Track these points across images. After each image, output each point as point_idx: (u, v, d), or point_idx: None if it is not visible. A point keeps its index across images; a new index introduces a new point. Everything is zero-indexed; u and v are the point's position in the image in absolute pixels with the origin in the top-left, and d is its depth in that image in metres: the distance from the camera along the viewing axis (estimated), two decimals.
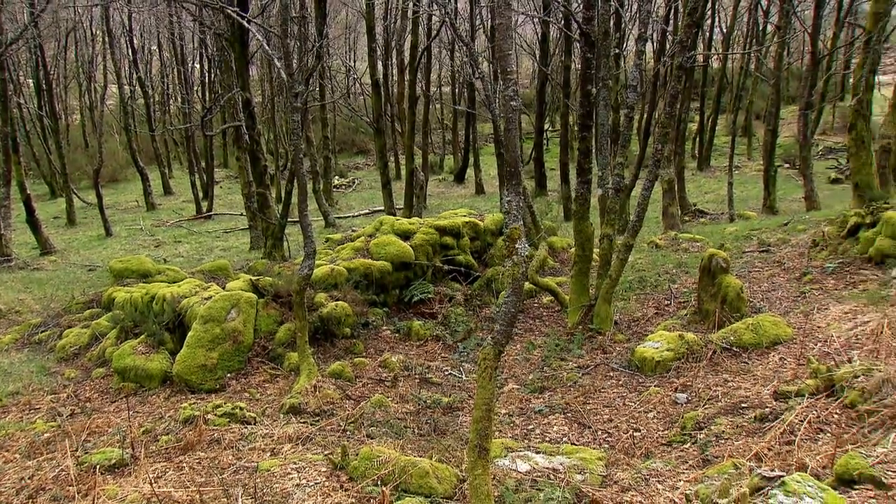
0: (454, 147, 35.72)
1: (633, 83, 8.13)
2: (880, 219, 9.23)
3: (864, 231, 9.51)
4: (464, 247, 11.44)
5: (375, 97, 21.47)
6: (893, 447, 3.83)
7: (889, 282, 8.35)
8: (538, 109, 25.15)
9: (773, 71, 20.46)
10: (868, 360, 6.13)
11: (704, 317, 8.47)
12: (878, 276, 8.69)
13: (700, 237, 12.65)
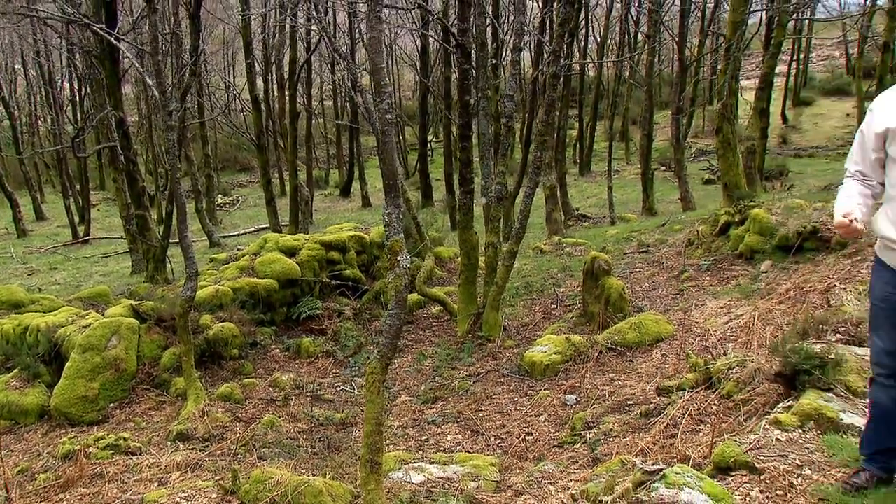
0: (339, 161, 35.53)
1: (509, 93, 8.32)
2: (748, 216, 9.77)
3: (734, 229, 10.04)
4: (351, 261, 11.39)
5: (256, 113, 21.12)
6: (764, 433, 4.05)
7: (758, 276, 8.82)
8: (421, 121, 25.37)
9: (646, 78, 21.39)
10: (742, 351, 6.45)
11: (590, 319, 8.73)
12: (748, 270, 9.18)
13: (583, 241, 13.04)
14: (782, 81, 39.50)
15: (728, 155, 11.72)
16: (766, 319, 7.18)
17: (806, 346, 4.55)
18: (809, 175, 24.60)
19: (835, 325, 5.45)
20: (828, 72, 48.50)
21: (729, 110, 11.62)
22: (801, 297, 7.51)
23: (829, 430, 3.99)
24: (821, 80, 46.05)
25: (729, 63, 11.45)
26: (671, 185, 24.74)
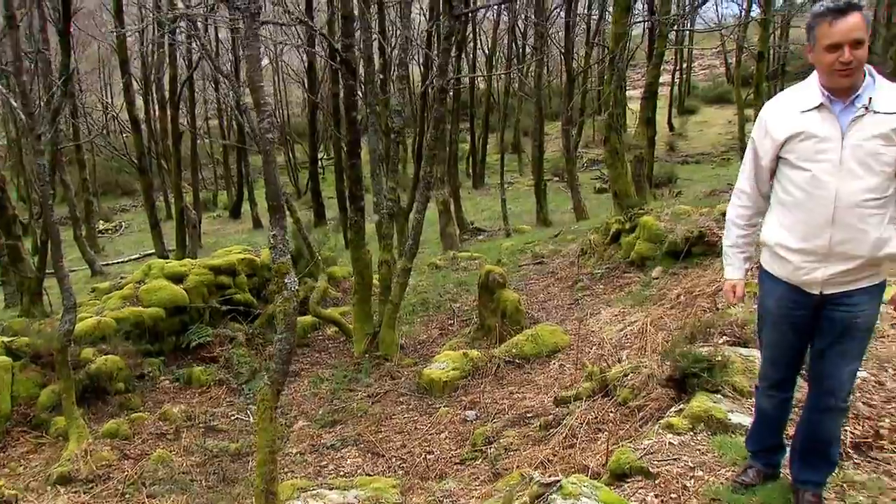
0: (227, 182, 34.78)
1: (397, 108, 8.36)
2: (638, 224, 10.12)
3: (625, 237, 10.37)
4: (241, 285, 11.16)
5: (136, 134, 20.46)
6: (658, 438, 4.19)
7: (650, 282, 9.14)
8: (311, 138, 25.17)
9: (535, 90, 21.93)
10: (636, 358, 6.65)
11: (487, 332, 8.83)
12: (640, 277, 9.51)
13: (478, 254, 13.20)
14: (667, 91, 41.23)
15: (616, 164, 12.10)
16: (659, 325, 7.45)
17: (694, 350, 4.74)
18: (696, 181, 25.70)
19: (721, 327, 5.69)
20: (709, 80, 50.95)
21: (615, 120, 12.02)
22: (691, 302, 7.82)
23: (718, 431, 4.16)
24: (703, 88, 48.31)
25: (613, 74, 11.87)
26: (564, 196, 25.35)
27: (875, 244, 2.95)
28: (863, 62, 2.85)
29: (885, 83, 2.94)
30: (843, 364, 3.16)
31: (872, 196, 2.91)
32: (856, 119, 2.90)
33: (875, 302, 3.12)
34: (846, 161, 2.91)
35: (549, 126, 37.97)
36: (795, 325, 3.23)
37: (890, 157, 2.88)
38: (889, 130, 2.86)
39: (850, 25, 2.81)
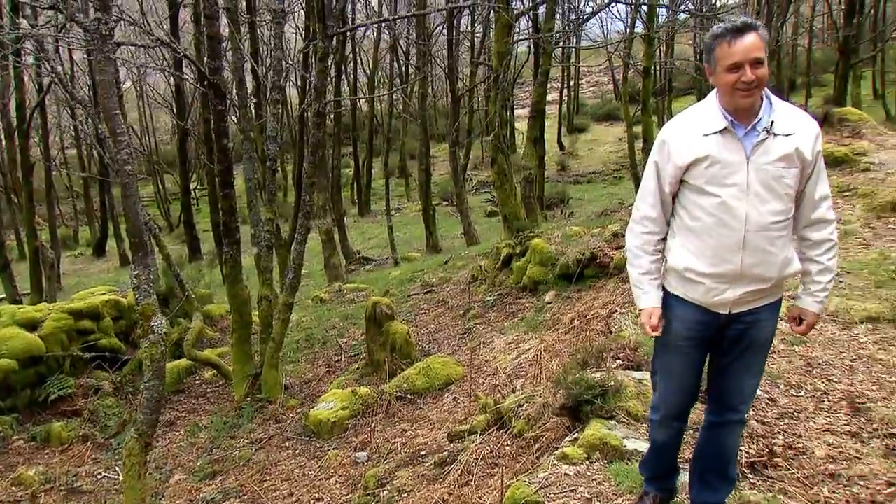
0: (90, 217, 33.50)
1: (272, 134, 8.28)
2: (528, 247, 10.32)
3: (516, 261, 10.56)
4: (106, 329, 10.76)
5: None
6: (553, 469, 4.26)
7: (544, 307, 9.32)
8: (182, 167, 24.61)
9: (419, 111, 22.13)
10: (531, 386, 6.75)
11: (376, 368, 8.80)
12: (533, 302, 9.68)
13: (365, 285, 13.17)
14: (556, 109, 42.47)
15: (505, 186, 12.34)
16: (553, 351, 7.59)
17: (587, 376, 4.85)
18: (589, 200, 26.48)
19: (615, 351, 5.85)
20: (598, 98, 52.85)
21: (502, 141, 12.28)
22: (585, 326, 8.02)
23: (614, 459, 4.26)
24: (592, 106, 50.04)
25: (498, 93, 12.13)
26: (454, 220, 25.64)
27: (782, 265, 3.12)
28: (764, 81, 2.99)
29: (781, 104, 3.11)
30: (748, 379, 3.32)
31: (779, 218, 3.06)
32: (759, 143, 3.03)
33: (776, 317, 3.29)
34: (752, 185, 3.04)
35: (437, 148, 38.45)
36: (701, 348, 3.35)
37: (792, 180, 3.05)
38: (790, 152, 3.02)
39: (750, 45, 2.94)
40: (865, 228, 8.14)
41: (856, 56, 25.53)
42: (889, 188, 8.76)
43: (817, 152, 3.07)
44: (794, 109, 3.11)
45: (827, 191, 3.15)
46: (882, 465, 4.04)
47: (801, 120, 3.08)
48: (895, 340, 5.57)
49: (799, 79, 40.10)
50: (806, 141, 3.04)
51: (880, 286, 6.52)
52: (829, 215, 3.16)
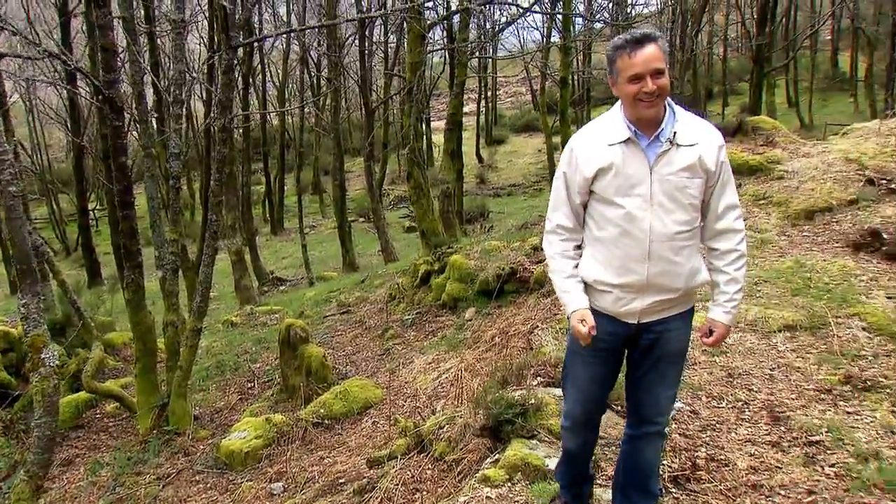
0: None
1: (174, 150, 8.14)
2: (447, 264, 10.37)
3: (435, 278, 10.59)
4: None
5: None
6: (474, 493, 4.27)
7: (464, 325, 9.37)
8: (79, 187, 23.88)
9: (332, 124, 22.04)
10: (452, 407, 6.77)
11: (292, 393, 8.70)
12: (453, 320, 9.72)
13: (279, 307, 13.03)
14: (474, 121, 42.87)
15: (422, 201, 12.38)
16: (474, 370, 7.63)
17: (507, 395, 4.89)
18: (509, 214, 26.76)
19: (535, 367, 5.91)
20: (516, 108, 53.58)
21: (418, 154, 12.31)
22: (506, 343, 8.08)
23: (536, 479, 4.30)
24: (511, 117, 50.70)
25: (412, 105, 12.19)
26: (371, 237, 25.61)
27: (689, 275, 3.22)
28: (665, 91, 3.08)
29: (685, 115, 3.21)
30: (663, 390, 3.40)
31: (684, 229, 3.16)
32: (662, 153, 3.12)
33: (688, 327, 3.37)
34: (656, 195, 3.13)
35: (351, 163, 38.39)
36: (610, 358, 3.43)
37: (695, 190, 3.15)
38: (693, 163, 3.12)
39: (650, 56, 3.03)
40: (781, 237, 8.46)
41: (769, 65, 26.60)
42: (803, 196, 9.13)
43: (721, 162, 3.16)
44: (698, 120, 3.22)
45: (734, 201, 3.24)
46: (802, 473, 4.19)
47: (705, 130, 3.18)
48: (812, 348, 5.80)
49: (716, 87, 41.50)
50: (709, 151, 3.13)
51: (796, 294, 6.77)
52: (736, 225, 3.25)
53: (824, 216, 8.72)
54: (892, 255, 7.46)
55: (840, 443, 4.44)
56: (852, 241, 7.83)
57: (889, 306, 6.42)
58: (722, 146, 3.17)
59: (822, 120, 29.97)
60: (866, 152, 9.94)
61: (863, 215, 8.44)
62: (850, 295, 6.62)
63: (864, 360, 5.55)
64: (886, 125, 11.23)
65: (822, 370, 5.41)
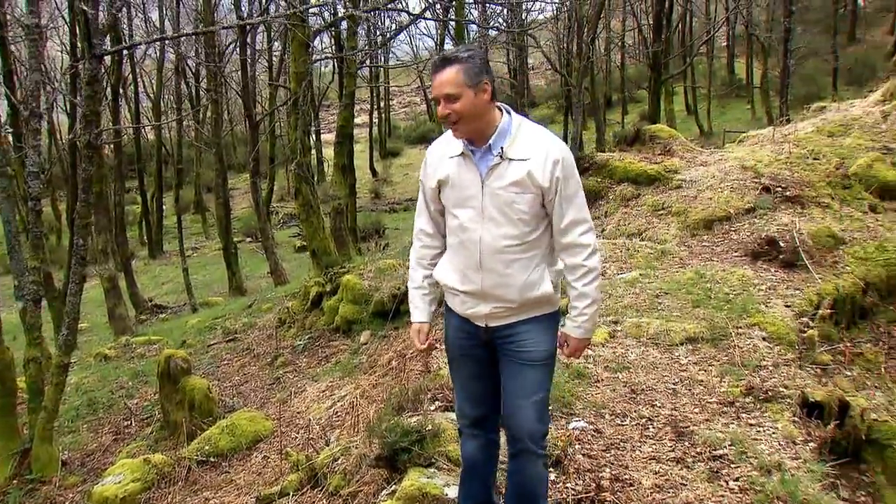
0: None
1: (33, 169, 7.85)
2: (340, 285, 10.31)
3: (327, 300, 10.51)
4: None
5: None
6: None
7: (359, 349, 9.33)
8: None
9: (213, 138, 21.66)
10: (347, 437, 6.72)
11: (173, 430, 8.48)
12: (347, 344, 9.67)
13: (158, 337, 12.73)
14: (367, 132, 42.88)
15: (312, 219, 12.27)
16: (370, 397, 7.60)
17: (402, 422, 4.88)
18: (405, 229, 26.81)
19: (433, 391, 5.92)
20: (411, 119, 53.81)
21: (306, 169, 12.21)
22: (403, 366, 8.08)
23: None
24: (405, 128, 50.89)
25: (299, 117, 12.08)
26: (260, 258, 25.26)
27: (523, 288, 3.35)
28: (463, 115, 3.21)
29: (525, 128, 3.34)
30: (522, 400, 3.47)
31: (514, 242, 3.30)
32: (493, 167, 3.28)
33: (545, 334, 3.47)
34: (487, 209, 3.29)
35: (236, 179, 37.87)
36: (473, 358, 3.60)
37: (525, 206, 3.27)
38: (522, 178, 3.25)
39: (443, 80, 3.20)
40: (681, 247, 8.75)
41: (666, 71, 27.49)
42: (701, 205, 9.47)
43: (557, 178, 3.25)
44: (539, 135, 3.33)
45: (578, 216, 3.33)
46: (707, 489, 4.31)
47: (541, 146, 3.28)
48: (714, 360, 6.01)
49: (615, 95, 42.65)
50: (541, 167, 3.24)
51: (697, 305, 7.02)
52: (582, 240, 3.34)
53: (723, 225, 9.06)
54: (789, 264, 7.83)
55: (743, 456, 4.60)
56: (750, 250, 8.17)
57: (787, 315, 6.74)
58: (558, 161, 3.26)
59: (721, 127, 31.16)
60: (762, 160, 10.38)
61: (760, 223, 8.80)
62: (750, 305, 6.90)
63: (764, 370, 5.79)
64: (780, 132, 11.77)
65: (724, 382, 5.61)
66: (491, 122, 3.28)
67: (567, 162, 3.27)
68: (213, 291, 22.26)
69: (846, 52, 34.40)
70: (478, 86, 3.20)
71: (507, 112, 3.35)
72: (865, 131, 10.96)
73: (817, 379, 5.85)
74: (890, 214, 9.34)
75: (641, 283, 7.70)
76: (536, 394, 3.47)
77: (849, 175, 9.87)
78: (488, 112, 3.27)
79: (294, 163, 12.22)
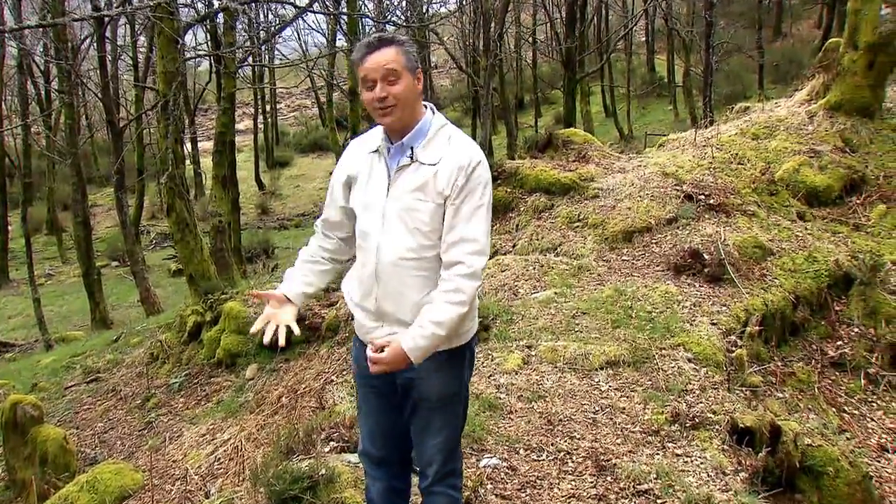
0: None
1: None
2: (221, 313, 10.18)
3: (207, 331, 10.37)
4: None
5: None
6: None
7: (244, 385, 9.23)
8: None
9: (69, 147, 21.12)
10: (231, 487, 6.64)
11: (21, 490, 8.27)
12: (231, 381, 9.55)
13: (3, 381, 12.36)
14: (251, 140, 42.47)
15: (188, 238, 12.13)
16: (257, 440, 7.54)
17: (291, 467, 4.84)
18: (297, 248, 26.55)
19: (327, 430, 5.89)
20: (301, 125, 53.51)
21: (180, 182, 12.05)
22: (295, 403, 8.04)
23: None
24: (295, 134, 50.59)
25: (170, 123, 11.90)
26: (129, 285, 24.74)
27: (416, 309, 3.33)
28: (401, 99, 3.24)
29: (445, 131, 3.37)
30: (429, 439, 3.52)
31: (412, 255, 3.31)
32: (401, 168, 3.32)
33: (449, 374, 3.48)
34: (388, 213, 3.31)
35: (98, 194, 37.08)
36: (375, 391, 3.62)
37: (426, 215, 3.28)
38: (425, 182, 3.27)
39: (381, 58, 3.22)
40: (599, 262, 8.88)
41: (581, 70, 27.93)
42: (619, 216, 9.62)
43: (459, 187, 3.25)
44: (458, 141, 3.36)
45: (472, 234, 3.28)
46: None
47: (452, 151, 3.31)
48: (637, 385, 6.12)
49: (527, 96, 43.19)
50: (446, 174, 3.26)
51: (618, 326, 7.13)
52: (467, 260, 3.28)
53: (643, 237, 9.21)
54: (715, 278, 7.98)
55: (670, 490, 4.70)
56: (673, 263, 8.30)
57: (714, 333, 6.90)
58: (464, 167, 3.25)
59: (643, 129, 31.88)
60: (683, 165, 10.63)
61: (683, 235, 8.96)
62: (674, 323, 7.05)
63: (690, 394, 5.93)
64: (702, 135, 12.07)
65: (648, 409, 5.72)
66: (415, 116, 3.32)
67: (475, 173, 3.26)
68: (71, 325, 21.70)
69: (772, 48, 35.58)
70: (415, 72, 3.26)
71: (431, 111, 3.40)
72: (791, 133, 11.29)
73: (747, 402, 6.01)
74: (819, 222, 9.68)
75: (557, 302, 7.77)
76: (442, 433, 3.50)
77: (775, 180, 10.19)
78: (417, 104, 3.32)
79: (166, 175, 12.05)
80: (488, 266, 8.71)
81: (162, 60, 11.88)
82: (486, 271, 8.58)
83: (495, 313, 7.54)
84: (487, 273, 8.56)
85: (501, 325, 7.33)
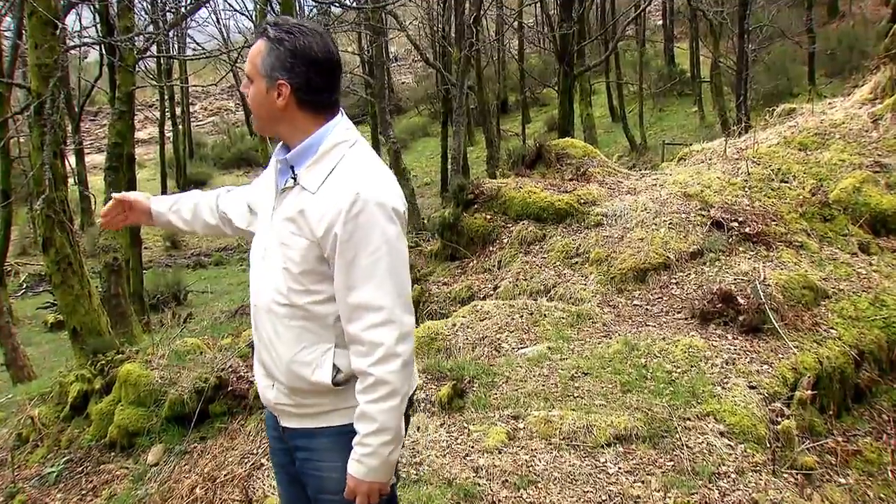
0: None
1: None
2: (116, 378, 10.10)
3: (96, 402, 10.27)
4: None
5: None
6: None
7: (146, 473, 9.15)
8: None
9: None
10: None
11: None
12: (128, 467, 9.46)
13: None
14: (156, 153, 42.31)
15: (72, 282, 12.04)
16: None
17: None
18: (219, 292, 26.59)
19: None
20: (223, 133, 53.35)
21: (59, 209, 11.92)
22: (213, 496, 7.99)
23: None
24: (215, 146, 50.41)
25: (46, 131, 11.77)
26: None
27: (291, 365, 3.32)
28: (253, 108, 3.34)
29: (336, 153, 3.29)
30: None
31: (282, 301, 3.30)
32: (285, 190, 3.33)
33: (337, 458, 3.37)
34: (269, 244, 3.36)
35: None
36: (280, 466, 3.69)
37: (295, 253, 3.26)
38: (296, 214, 3.25)
39: (251, 52, 3.31)
40: (604, 308, 8.86)
41: (581, 63, 27.67)
42: (629, 250, 9.59)
43: (335, 234, 3.17)
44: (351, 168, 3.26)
45: (369, 300, 3.21)
46: None
47: (340, 181, 3.22)
48: (654, 467, 6.07)
49: (512, 96, 43.10)
50: (320, 211, 3.21)
51: (629, 390, 7.07)
52: (367, 336, 3.22)
53: (660, 276, 9.19)
54: (752, 328, 7.95)
55: None
56: (699, 309, 8.27)
57: (753, 399, 6.84)
58: (344, 211, 3.15)
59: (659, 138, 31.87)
60: (710, 184, 10.59)
61: (710, 272, 8.95)
62: (701, 387, 7.00)
63: (724, 478, 5.89)
64: (734, 145, 12.05)
65: (669, 498, 5.69)
66: (297, 133, 3.30)
67: (363, 216, 3.15)
68: None
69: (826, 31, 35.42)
70: (271, 80, 3.22)
71: (333, 126, 3.31)
72: (850, 142, 11.29)
73: (799, 490, 5.99)
74: (887, 255, 9.64)
75: (551, 360, 7.75)
76: None
77: (829, 203, 10.17)
78: (287, 121, 3.29)
79: (41, 199, 11.96)
80: (462, 315, 8.71)
81: (35, 50, 11.71)
82: (461, 320, 8.59)
83: (472, 374, 7.49)
84: (462, 323, 8.55)
85: (480, 390, 7.28)
